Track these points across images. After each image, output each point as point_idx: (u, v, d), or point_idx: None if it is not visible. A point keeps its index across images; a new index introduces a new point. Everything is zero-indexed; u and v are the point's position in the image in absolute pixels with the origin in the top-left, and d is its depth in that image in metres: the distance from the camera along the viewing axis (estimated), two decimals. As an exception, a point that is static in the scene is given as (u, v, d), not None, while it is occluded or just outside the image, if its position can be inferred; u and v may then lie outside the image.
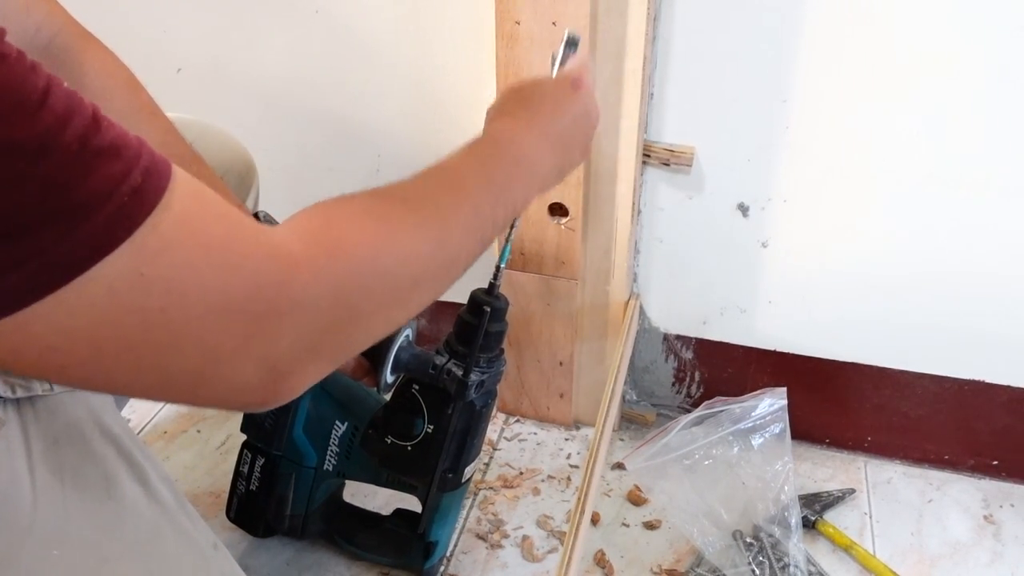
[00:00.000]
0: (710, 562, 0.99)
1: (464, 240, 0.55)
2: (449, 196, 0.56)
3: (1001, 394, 1.06)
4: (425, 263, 0.52)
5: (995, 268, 0.99)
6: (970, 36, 0.87)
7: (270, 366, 0.43)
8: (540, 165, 0.65)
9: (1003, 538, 1.05)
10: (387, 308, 0.50)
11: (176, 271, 0.39)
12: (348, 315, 0.46)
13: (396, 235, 0.50)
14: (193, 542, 0.61)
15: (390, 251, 0.49)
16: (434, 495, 0.90)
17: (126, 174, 0.37)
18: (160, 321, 0.38)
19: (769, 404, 1.06)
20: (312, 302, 0.43)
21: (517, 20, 0.90)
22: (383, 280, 0.48)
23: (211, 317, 0.40)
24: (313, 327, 0.44)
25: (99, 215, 0.36)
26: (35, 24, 0.65)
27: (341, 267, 0.45)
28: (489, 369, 0.85)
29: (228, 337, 0.41)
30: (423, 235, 0.52)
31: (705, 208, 1.04)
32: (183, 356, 0.40)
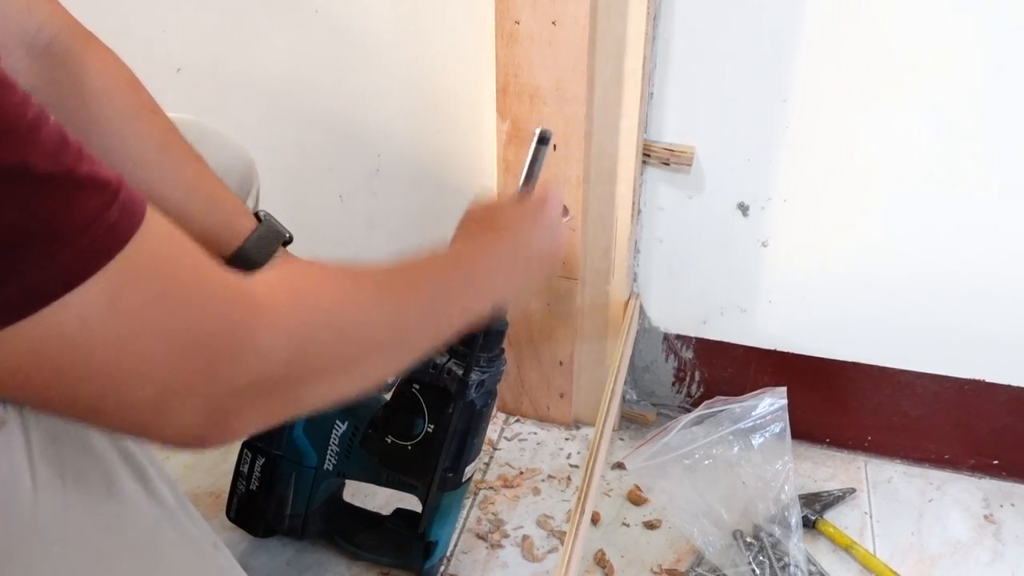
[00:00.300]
0: (710, 562, 0.99)
1: (418, 326, 0.59)
2: (407, 285, 0.59)
3: (1001, 393, 1.06)
4: (379, 335, 0.54)
5: (995, 267, 0.99)
6: (969, 35, 0.87)
7: (217, 407, 0.44)
8: (492, 287, 0.69)
9: (1003, 537, 1.05)
10: (338, 370, 0.52)
11: (145, 305, 0.40)
12: (300, 369, 0.48)
13: (356, 302, 0.53)
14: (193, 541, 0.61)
15: (349, 314, 0.52)
16: (434, 495, 0.90)
17: (105, 208, 0.38)
18: (126, 351, 0.40)
19: (769, 404, 1.06)
20: (269, 348, 0.45)
21: (517, 20, 0.90)
22: (338, 340, 0.50)
23: (173, 352, 0.41)
24: (266, 374, 0.45)
25: (77, 244, 0.37)
26: (36, 24, 0.65)
27: (301, 318, 0.47)
28: (489, 368, 0.85)
29: (186, 373, 0.42)
30: (380, 309, 0.55)
31: (705, 208, 1.04)
32: (142, 388, 0.41)
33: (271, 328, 0.45)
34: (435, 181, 1.12)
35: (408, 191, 1.14)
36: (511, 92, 0.95)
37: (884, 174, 0.97)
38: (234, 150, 0.86)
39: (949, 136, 0.93)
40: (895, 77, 0.91)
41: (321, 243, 1.19)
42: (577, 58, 0.91)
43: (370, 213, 1.18)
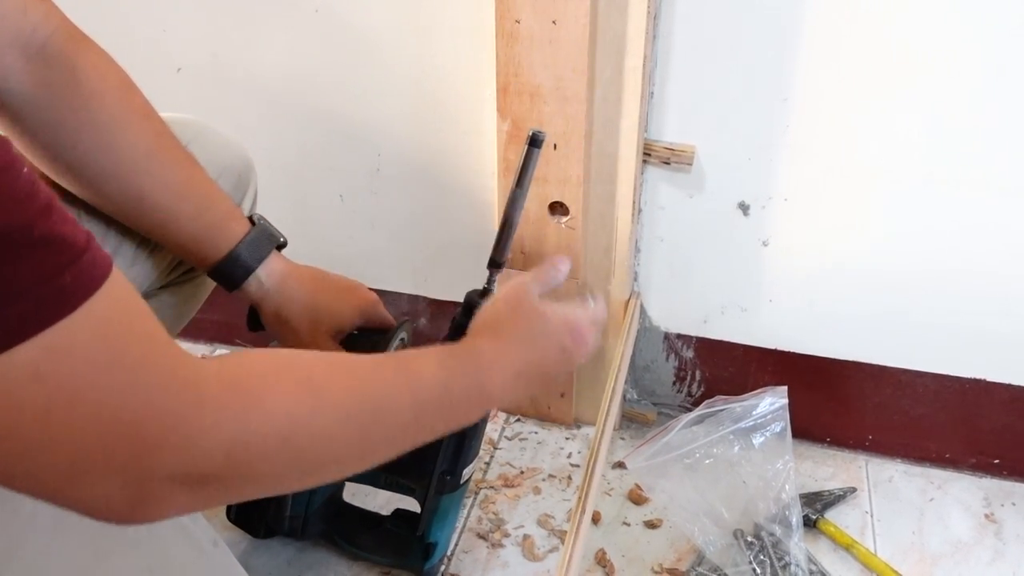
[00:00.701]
0: (711, 561, 0.99)
1: (391, 440, 0.55)
2: (398, 393, 0.55)
3: (1002, 392, 1.06)
4: (341, 449, 0.51)
5: (995, 266, 0.99)
6: (969, 35, 0.87)
7: (138, 490, 0.42)
8: (503, 395, 0.65)
9: (1004, 536, 1.04)
10: (283, 478, 0.49)
11: (74, 378, 0.38)
12: (238, 471, 0.45)
13: (320, 414, 0.48)
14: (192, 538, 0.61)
15: (307, 429, 0.48)
16: (432, 497, 0.90)
17: (58, 271, 0.37)
18: (40, 420, 0.38)
19: (770, 403, 1.06)
20: (205, 448, 0.42)
21: (517, 19, 0.90)
22: (288, 453, 0.47)
23: (96, 430, 0.39)
24: (197, 470, 0.43)
25: (18, 306, 0.36)
26: (31, 25, 0.65)
27: (249, 426, 0.44)
28: None
29: (103, 453, 0.40)
30: (349, 424, 0.51)
31: (706, 207, 1.04)
32: (54, 458, 0.39)
33: (210, 427, 0.42)
34: (436, 180, 1.12)
35: (409, 190, 1.14)
36: (511, 91, 0.95)
37: (884, 173, 0.97)
38: (231, 149, 0.85)
39: (949, 135, 0.93)
40: (895, 76, 0.91)
41: (322, 243, 1.19)
42: (577, 57, 0.91)
43: (370, 213, 1.18)
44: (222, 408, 0.43)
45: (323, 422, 0.49)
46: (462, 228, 1.15)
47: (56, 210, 0.38)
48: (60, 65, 0.66)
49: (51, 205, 0.38)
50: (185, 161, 0.73)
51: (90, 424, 0.39)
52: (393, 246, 1.19)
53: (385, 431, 0.54)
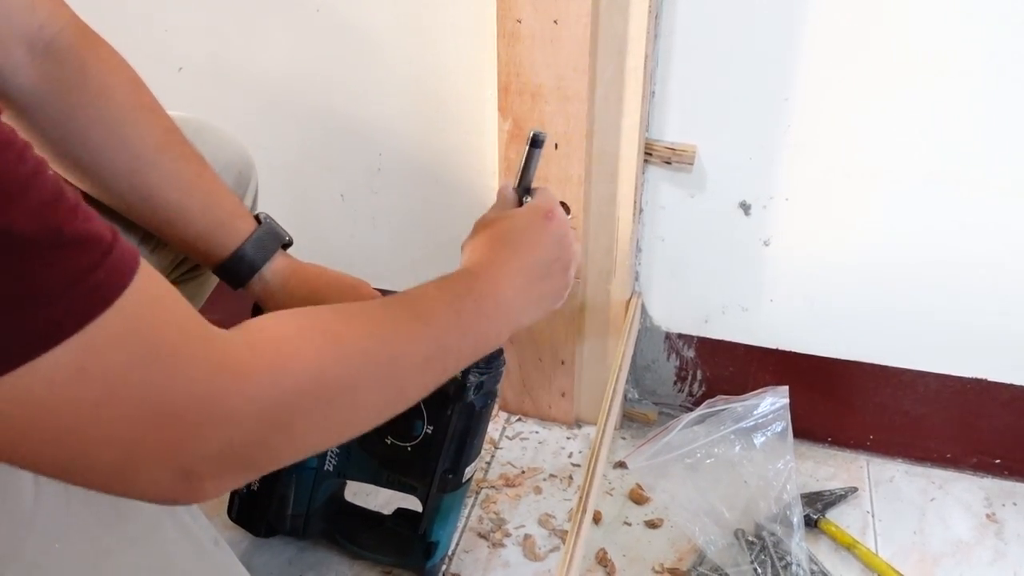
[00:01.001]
0: (712, 561, 0.99)
1: (419, 372, 0.55)
2: (413, 325, 0.56)
3: (1003, 392, 1.06)
4: (371, 394, 0.52)
5: (997, 266, 0.99)
6: (970, 35, 0.87)
7: (187, 472, 0.43)
8: (515, 300, 0.65)
9: (1006, 536, 1.04)
10: (321, 431, 0.50)
11: (117, 371, 0.39)
12: (280, 434, 0.46)
13: (346, 361, 0.50)
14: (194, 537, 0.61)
15: (336, 377, 0.49)
16: (434, 496, 0.90)
17: (90, 269, 0.38)
18: (92, 417, 0.39)
19: (771, 403, 1.05)
20: (244, 417, 0.44)
21: (518, 18, 0.90)
22: (323, 405, 0.48)
23: (141, 420, 0.40)
24: (243, 441, 0.44)
25: (55, 307, 0.36)
26: (39, 22, 0.65)
27: (284, 385, 0.46)
28: (488, 370, 0.85)
29: (153, 441, 0.41)
30: (375, 364, 0.52)
31: (707, 207, 1.04)
32: (107, 453, 0.40)
33: (248, 397, 0.44)
34: (437, 180, 1.12)
35: (410, 190, 1.14)
36: (513, 91, 0.95)
37: (886, 173, 0.97)
38: (232, 147, 0.85)
39: (951, 135, 0.93)
40: (897, 76, 0.91)
41: (323, 242, 1.19)
42: (579, 57, 0.91)
43: (371, 212, 1.18)
44: (255, 377, 0.44)
45: (349, 369, 0.50)
46: (463, 227, 1.14)
47: (82, 208, 0.38)
48: (68, 61, 0.66)
49: (77, 204, 0.38)
50: (193, 157, 0.73)
51: (137, 415, 0.40)
52: (394, 245, 1.19)
53: (410, 365, 0.55)
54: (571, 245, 0.73)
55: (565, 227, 0.72)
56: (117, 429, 0.40)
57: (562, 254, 0.71)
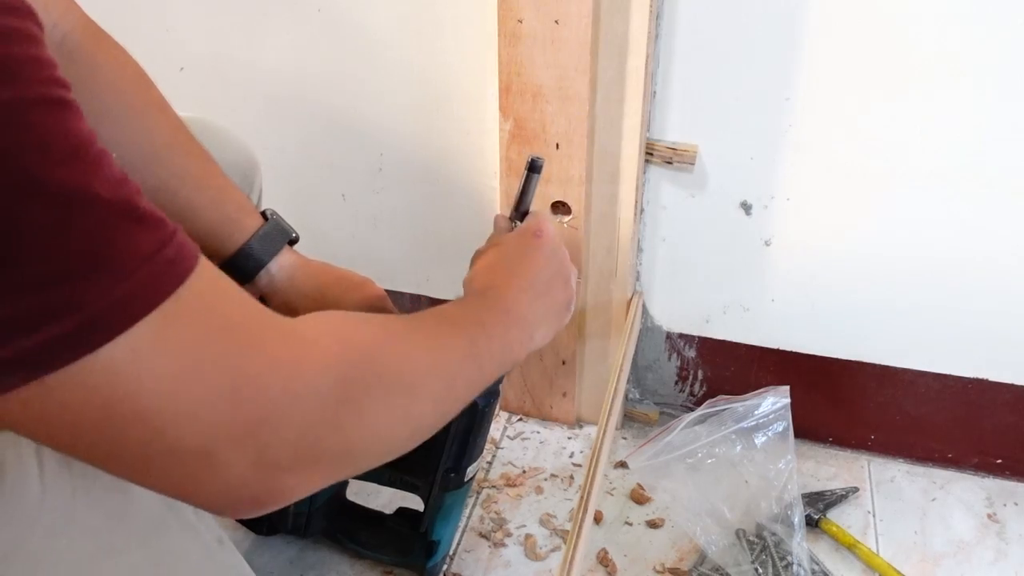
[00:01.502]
0: (713, 561, 0.99)
1: (460, 365, 0.57)
2: (444, 327, 0.59)
3: (1005, 392, 1.06)
4: (423, 375, 0.53)
5: (998, 266, 0.99)
6: (973, 34, 0.87)
7: (268, 460, 0.43)
8: (528, 314, 0.67)
9: (1007, 536, 1.04)
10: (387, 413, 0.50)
11: (196, 344, 0.39)
12: (349, 411, 0.46)
13: (397, 343, 0.52)
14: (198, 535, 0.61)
15: (391, 354, 0.51)
16: (436, 494, 0.90)
17: (163, 245, 0.38)
18: (175, 391, 0.39)
19: (772, 402, 1.06)
20: (318, 388, 0.44)
21: (519, 18, 0.90)
22: (384, 379, 0.49)
23: (223, 392, 0.40)
24: (317, 419, 0.44)
25: (136, 278, 0.37)
26: (52, 21, 0.66)
27: (347, 358, 0.47)
28: None
29: (235, 415, 0.41)
30: (422, 349, 0.54)
31: (708, 206, 1.04)
32: (190, 431, 0.40)
33: (319, 367, 0.45)
34: (438, 179, 1.12)
35: (411, 189, 1.14)
36: (514, 91, 0.95)
37: (887, 173, 0.97)
38: (237, 147, 0.86)
39: (952, 135, 0.93)
40: (898, 76, 0.91)
41: (324, 242, 1.19)
42: (580, 57, 0.91)
43: (373, 212, 1.18)
44: (321, 351, 0.45)
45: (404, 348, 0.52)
46: (464, 227, 1.15)
47: (143, 193, 0.39)
48: (80, 59, 0.67)
49: (139, 188, 0.39)
50: (201, 154, 0.74)
51: (214, 390, 0.40)
52: (395, 245, 1.19)
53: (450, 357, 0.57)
54: (565, 258, 0.74)
55: (556, 242, 0.74)
56: (200, 404, 0.40)
57: (559, 268, 0.73)
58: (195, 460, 0.41)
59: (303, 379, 0.44)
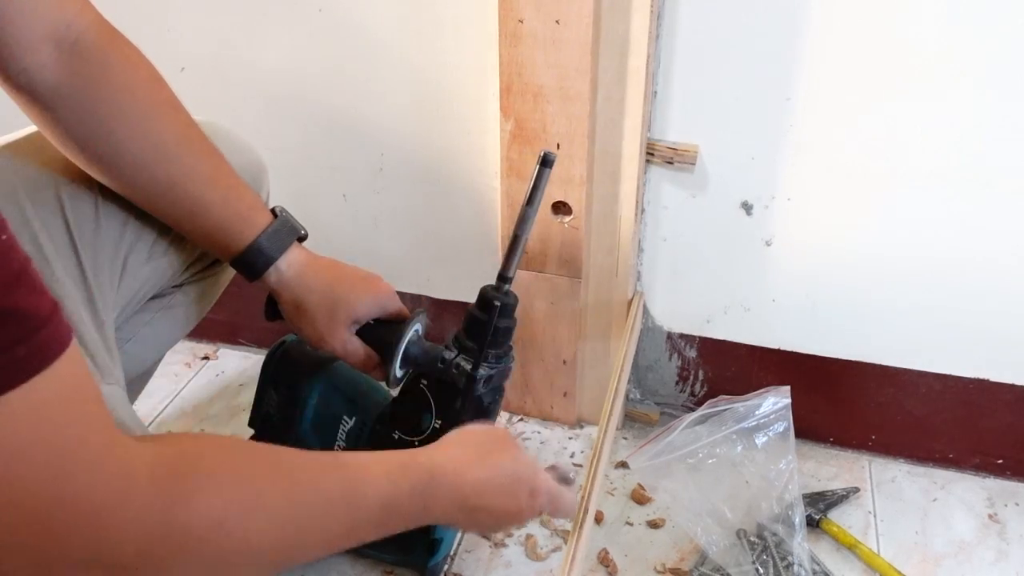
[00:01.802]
0: (714, 561, 0.99)
1: (316, 548, 0.54)
2: (334, 510, 0.54)
3: (1006, 392, 1.06)
4: (260, 556, 0.50)
5: (1000, 267, 0.99)
6: (973, 34, 0.87)
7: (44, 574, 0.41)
8: (439, 520, 0.65)
9: (1008, 537, 1.04)
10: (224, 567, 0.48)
11: (5, 453, 0.37)
12: (151, 567, 0.44)
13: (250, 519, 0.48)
14: None
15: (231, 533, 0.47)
16: (439, 493, 0.90)
17: (11, 344, 0.37)
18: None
19: (773, 403, 1.05)
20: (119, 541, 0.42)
21: (520, 18, 0.90)
22: (207, 554, 0.46)
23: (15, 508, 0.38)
24: (108, 561, 0.42)
25: None
26: (66, 20, 0.66)
27: (172, 525, 0.43)
28: (498, 365, 0.85)
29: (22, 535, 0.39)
30: (277, 533, 0.50)
31: (709, 206, 1.04)
32: None
33: (130, 521, 0.42)
34: (438, 180, 1.12)
35: (412, 190, 1.14)
36: (515, 91, 0.95)
37: (889, 173, 0.97)
38: (245, 150, 0.86)
39: (953, 135, 0.93)
40: (898, 76, 0.91)
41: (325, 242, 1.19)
42: (581, 57, 0.91)
43: (374, 212, 1.18)
44: (146, 503, 0.42)
45: (251, 527, 0.48)
46: (465, 228, 1.15)
47: (25, 280, 0.38)
48: (93, 58, 0.67)
49: (20, 275, 0.37)
50: (212, 152, 0.74)
51: (11, 502, 0.38)
52: (396, 245, 1.19)
53: (313, 541, 0.53)
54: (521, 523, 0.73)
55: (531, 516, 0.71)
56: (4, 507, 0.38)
57: (509, 523, 0.71)
58: None
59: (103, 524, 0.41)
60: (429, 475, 0.62)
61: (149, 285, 0.80)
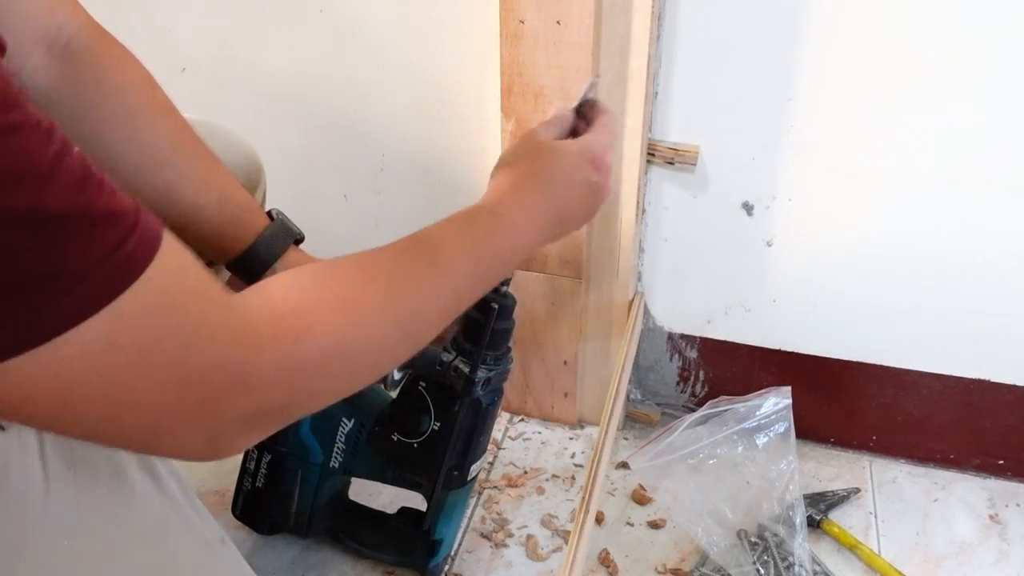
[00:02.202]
0: (715, 561, 0.99)
1: (435, 322, 0.57)
2: (432, 279, 0.58)
3: (1006, 393, 1.06)
4: (391, 350, 0.54)
5: (1000, 267, 0.99)
6: (976, 35, 0.87)
7: (215, 434, 0.45)
8: (534, 243, 0.67)
9: (1009, 537, 1.04)
10: (342, 388, 0.52)
11: (147, 340, 0.41)
12: (300, 396, 0.49)
13: (366, 324, 0.52)
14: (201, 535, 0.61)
15: (357, 339, 0.51)
16: (440, 493, 0.90)
17: (119, 243, 0.39)
18: (125, 383, 0.41)
19: (774, 403, 1.06)
20: (269, 385, 0.46)
21: (521, 19, 0.91)
22: (344, 366, 0.51)
23: (171, 386, 0.42)
24: (264, 406, 0.46)
25: (89, 281, 0.38)
26: (57, 24, 0.66)
27: (305, 354, 0.48)
28: (496, 367, 0.86)
29: (182, 405, 0.43)
30: (394, 323, 0.54)
31: (710, 207, 1.04)
32: (139, 416, 0.43)
33: (271, 368, 0.46)
34: (440, 180, 1.12)
35: (413, 190, 1.14)
36: (516, 91, 0.95)
37: (889, 173, 0.97)
38: (241, 149, 0.86)
39: (955, 135, 0.93)
40: (901, 76, 0.91)
41: (325, 242, 1.19)
42: (582, 57, 0.91)
43: (375, 212, 1.18)
44: (275, 346, 0.46)
45: (369, 333, 0.52)
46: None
47: (108, 183, 0.40)
48: (85, 61, 0.67)
49: (103, 179, 0.40)
50: (207, 154, 0.74)
51: (166, 382, 0.42)
52: (397, 246, 1.19)
53: (428, 320, 0.57)
54: (607, 194, 0.73)
55: (607, 177, 0.72)
56: (148, 395, 0.42)
57: (594, 201, 0.72)
58: (147, 437, 0.44)
59: (254, 374, 0.45)
60: (498, 213, 0.65)
61: None
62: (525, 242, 0.66)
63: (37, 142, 0.37)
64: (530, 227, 0.66)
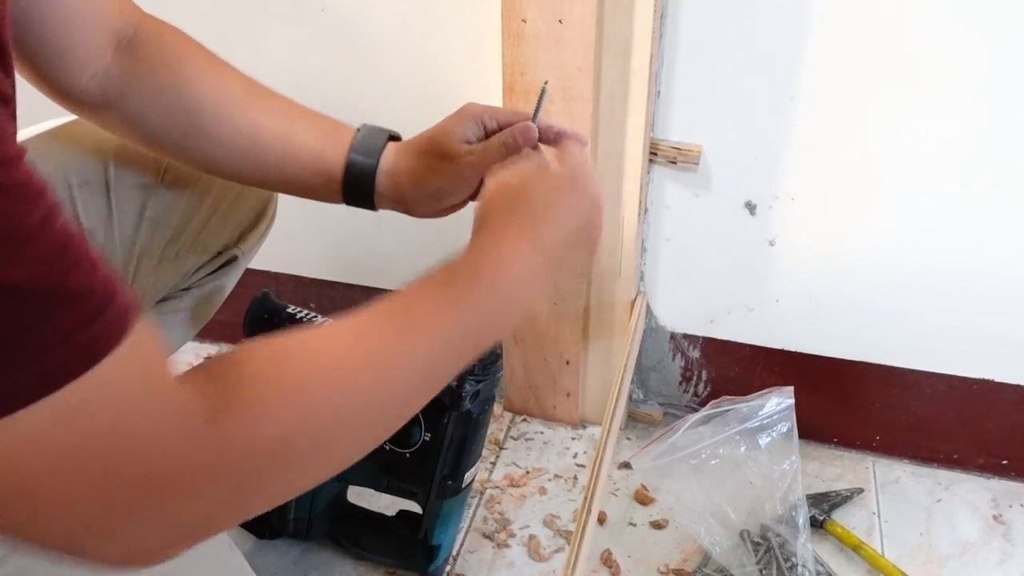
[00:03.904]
0: (717, 562, 0.98)
1: (415, 396, 0.52)
2: (408, 345, 0.50)
3: (1010, 393, 1.06)
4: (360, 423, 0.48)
5: (1003, 267, 0.98)
6: (978, 35, 0.86)
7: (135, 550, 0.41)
8: (531, 287, 0.59)
9: (1013, 538, 1.04)
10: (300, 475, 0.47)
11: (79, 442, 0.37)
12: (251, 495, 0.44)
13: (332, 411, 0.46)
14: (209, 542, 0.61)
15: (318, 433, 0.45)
16: (434, 501, 0.89)
17: (87, 322, 0.36)
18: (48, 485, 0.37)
19: (776, 403, 1.05)
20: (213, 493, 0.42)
21: (523, 18, 0.90)
22: (302, 448, 0.45)
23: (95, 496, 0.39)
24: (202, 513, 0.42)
25: (45, 360, 0.35)
26: (124, 20, 0.69)
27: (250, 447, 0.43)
28: (484, 377, 0.85)
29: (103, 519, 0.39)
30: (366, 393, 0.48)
31: (712, 206, 1.04)
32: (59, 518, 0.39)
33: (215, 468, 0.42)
34: (441, 180, 1.12)
35: (414, 190, 1.14)
36: (517, 91, 0.95)
37: (892, 173, 0.96)
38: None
39: (958, 135, 0.92)
40: (904, 76, 0.91)
41: (327, 242, 1.19)
42: (584, 57, 0.91)
43: (375, 212, 1.17)
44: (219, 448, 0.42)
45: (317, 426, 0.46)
46: (467, 228, 1.14)
47: (87, 258, 0.37)
48: (151, 43, 0.70)
49: (82, 254, 0.37)
50: (276, 93, 0.75)
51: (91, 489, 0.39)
52: (398, 246, 1.19)
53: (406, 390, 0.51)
54: (600, 211, 0.65)
55: (594, 188, 0.65)
56: (69, 501, 0.38)
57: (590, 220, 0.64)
58: (64, 544, 0.40)
59: (192, 483, 0.41)
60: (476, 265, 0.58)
61: (157, 289, 0.80)
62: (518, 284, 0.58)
63: (19, 210, 0.34)
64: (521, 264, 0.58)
